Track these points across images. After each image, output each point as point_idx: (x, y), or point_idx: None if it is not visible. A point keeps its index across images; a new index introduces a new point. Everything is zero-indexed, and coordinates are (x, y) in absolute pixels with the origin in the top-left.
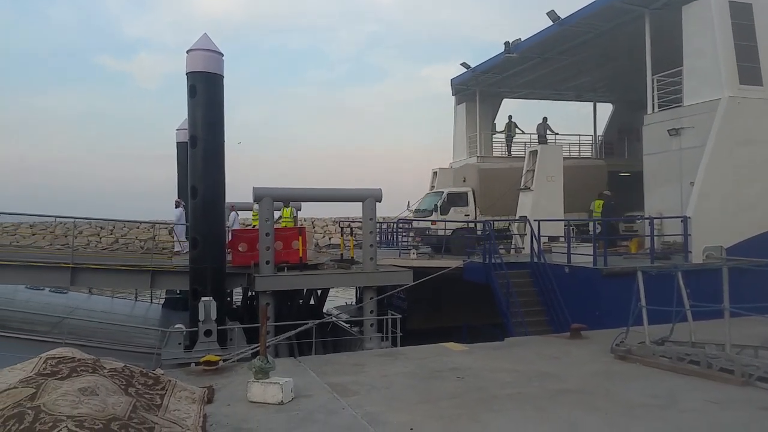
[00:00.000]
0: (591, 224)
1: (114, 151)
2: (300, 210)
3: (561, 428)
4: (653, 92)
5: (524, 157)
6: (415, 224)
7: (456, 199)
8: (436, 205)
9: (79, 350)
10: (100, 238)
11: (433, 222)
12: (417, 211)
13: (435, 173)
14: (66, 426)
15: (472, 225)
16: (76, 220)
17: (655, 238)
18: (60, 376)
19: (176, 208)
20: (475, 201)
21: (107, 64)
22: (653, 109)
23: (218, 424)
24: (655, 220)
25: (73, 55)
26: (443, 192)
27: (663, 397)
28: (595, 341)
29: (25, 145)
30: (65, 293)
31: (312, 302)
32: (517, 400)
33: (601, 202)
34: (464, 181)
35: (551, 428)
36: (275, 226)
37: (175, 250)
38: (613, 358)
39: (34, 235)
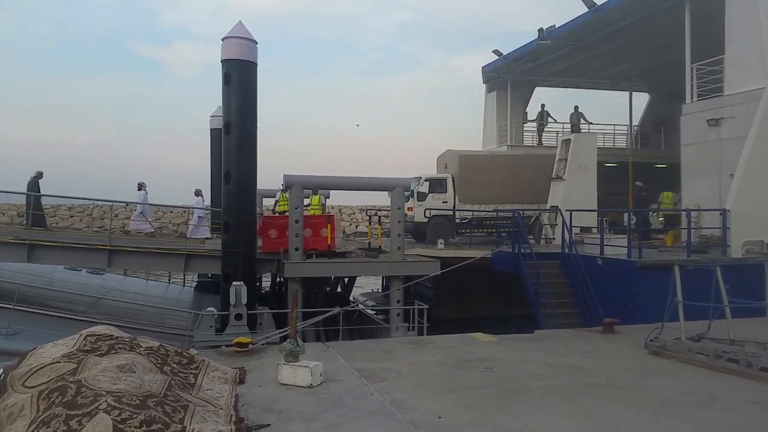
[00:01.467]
0: (626, 216)
1: (150, 136)
2: (328, 198)
3: (592, 421)
4: (692, 81)
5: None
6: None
7: (436, 186)
8: (412, 191)
9: (116, 328)
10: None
11: (409, 208)
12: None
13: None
14: (105, 400)
15: (450, 212)
16: (113, 203)
17: (692, 231)
18: (99, 352)
19: (139, 190)
20: (454, 188)
21: (146, 51)
22: (692, 99)
23: (250, 405)
24: (692, 213)
25: (113, 43)
26: (421, 178)
27: (699, 395)
28: (628, 336)
29: (64, 129)
30: (101, 274)
31: (339, 290)
32: (548, 392)
33: (671, 194)
34: (446, 167)
35: (582, 421)
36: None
37: (147, 231)
38: (647, 354)
39: (72, 217)
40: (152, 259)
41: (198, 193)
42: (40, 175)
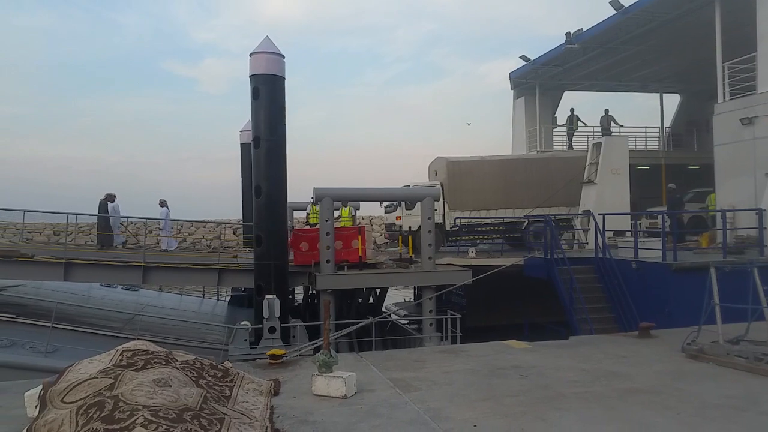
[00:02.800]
0: (660, 218)
1: (180, 153)
2: (358, 209)
3: (631, 428)
4: (724, 80)
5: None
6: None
7: None
8: (400, 201)
9: (152, 343)
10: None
11: (398, 217)
12: (389, 206)
13: None
14: (142, 415)
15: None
16: (147, 220)
17: (728, 232)
18: (135, 367)
19: (111, 202)
20: (443, 195)
21: (175, 69)
22: (724, 98)
23: (284, 416)
24: (727, 214)
25: (143, 62)
26: (409, 186)
27: (740, 398)
28: (664, 340)
29: (99, 148)
30: (137, 290)
31: (371, 300)
32: (584, 398)
33: (715, 195)
34: (436, 175)
35: (621, 427)
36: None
37: (116, 244)
38: (684, 358)
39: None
40: (186, 274)
41: (163, 203)
42: (110, 197)
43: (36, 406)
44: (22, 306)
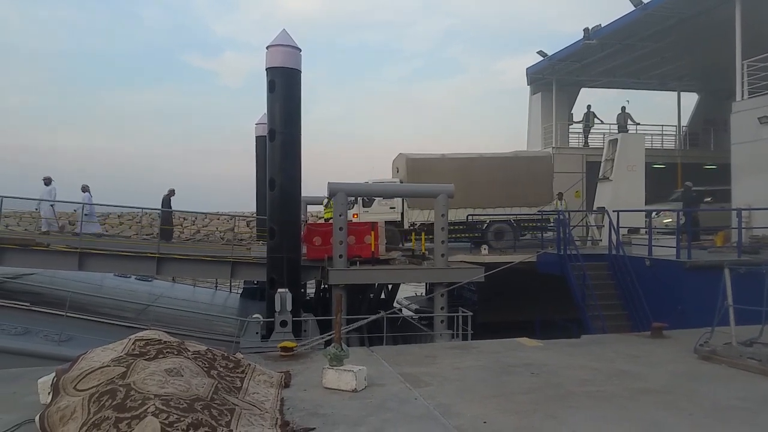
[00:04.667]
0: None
1: (197, 145)
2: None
3: (642, 427)
4: (743, 78)
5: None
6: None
7: None
8: (356, 198)
9: (164, 333)
10: (183, 228)
11: (354, 215)
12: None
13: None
14: (154, 404)
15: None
16: (162, 211)
17: (743, 231)
18: (148, 356)
19: (46, 185)
20: None
21: (195, 62)
22: (743, 96)
23: (295, 408)
24: (743, 213)
25: (162, 54)
26: (368, 182)
27: (753, 401)
28: (677, 340)
29: (116, 140)
30: (150, 281)
31: (382, 296)
32: (596, 397)
33: None
34: (398, 171)
35: (632, 427)
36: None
37: (43, 229)
38: (697, 359)
39: (121, 224)
40: (199, 266)
41: (85, 189)
42: (172, 192)
43: (49, 393)
44: (36, 294)
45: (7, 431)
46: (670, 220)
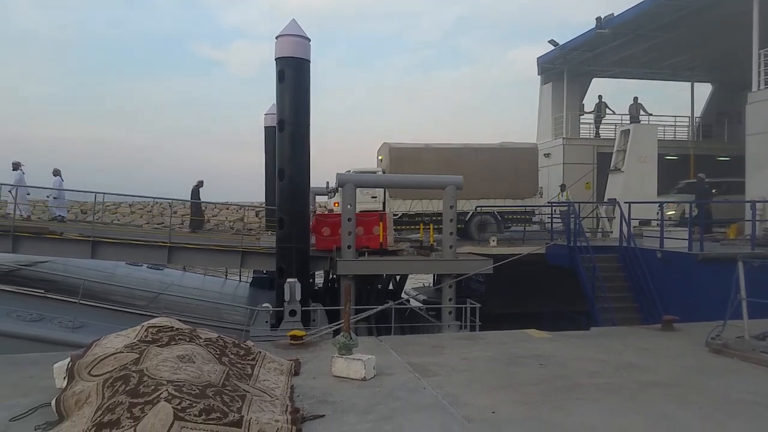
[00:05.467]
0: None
1: (206, 136)
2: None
3: (651, 420)
4: (759, 68)
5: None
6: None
7: None
8: (338, 187)
9: (177, 320)
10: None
11: (335, 203)
12: (330, 192)
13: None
14: (166, 389)
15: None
16: (173, 201)
17: (757, 223)
18: (160, 343)
19: (14, 170)
20: None
21: (205, 52)
22: (758, 87)
23: (305, 396)
24: (757, 205)
25: (172, 45)
26: (349, 172)
27: (765, 395)
28: (688, 333)
29: (127, 130)
30: (161, 270)
31: (390, 287)
32: (604, 389)
33: None
34: (381, 161)
35: (640, 419)
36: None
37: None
38: (708, 352)
39: (132, 213)
40: (210, 255)
41: (56, 173)
42: (201, 183)
43: (64, 378)
44: (50, 282)
45: (24, 414)
46: (673, 212)
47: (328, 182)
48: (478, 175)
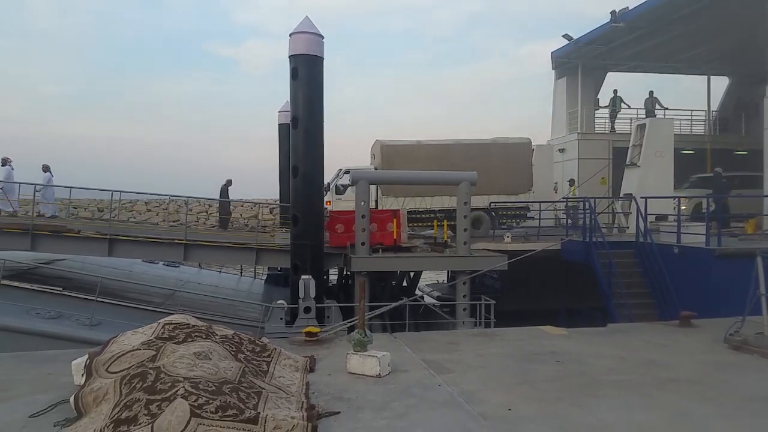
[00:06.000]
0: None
1: (221, 133)
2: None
3: (669, 417)
4: None
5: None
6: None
7: None
8: (328, 185)
9: (193, 317)
10: (209, 215)
11: (327, 202)
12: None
13: (532, 150)
14: (183, 386)
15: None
16: (188, 198)
17: None
18: (177, 340)
19: (2, 166)
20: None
21: (217, 50)
22: None
23: (320, 392)
24: None
25: (187, 43)
26: (341, 170)
27: None
28: (706, 330)
29: (141, 128)
30: (177, 267)
31: (405, 283)
32: (622, 386)
33: None
34: (374, 158)
35: (659, 416)
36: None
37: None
38: (727, 348)
39: (149, 211)
40: (225, 252)
41: (46, 168)
42: (230, 182)
43: (82, 375)
44: (68, 279)
45: (44, 410)
46: (684, 207)
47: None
48: (474, 171)
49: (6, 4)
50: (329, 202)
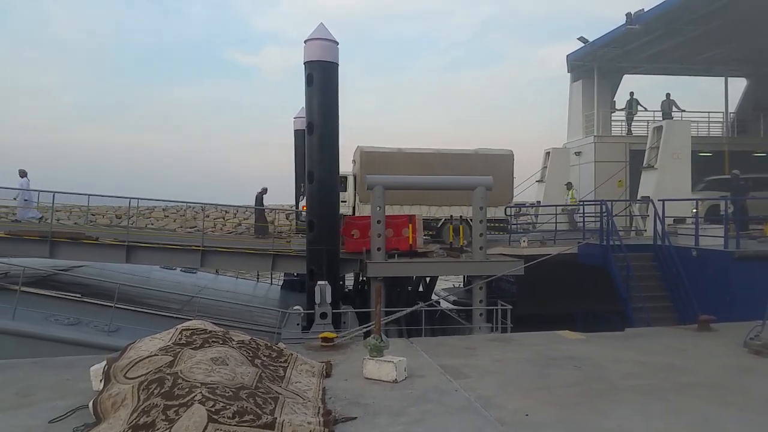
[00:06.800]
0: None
1: (238, 140)
2: None
3: (690, 423)
4: None
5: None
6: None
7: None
8: (302, 189)
9: (210, 323)
10: (225, 221)
11: (303, 207)
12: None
13: (548, 153)
14: (200, 392)
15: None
16: (205, 205)
17: None
18: (194, 345)
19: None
20: (355, 187)
21: (236, 58)
22: None
23: (336, 398)
24: None
25: (207, 51)
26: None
27: None
28: (725, 333)
29: (160, 136)
30: (194, 273)
31: (420, 289)
32: (641, 391)
33: None
34: (354, 164)
35: (678, 422)
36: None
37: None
38: (747, 352)
39: (166, 217)
40: (242, 259)
41: (23, 174)
42: (265, 190)
43: (100, 381)
44: (86, 286)
45: (63, 416)
46: (695, 210)
47: (302, 184)
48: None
49: (30, 16)
50: (305, 207)
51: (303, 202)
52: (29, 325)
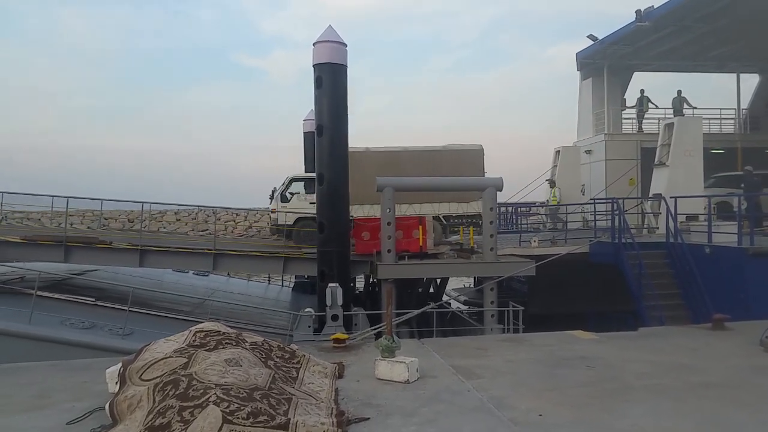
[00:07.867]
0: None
1: (247, 143)
2: None
3: (704, 422)
4: None
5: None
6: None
7: (308, 185)
8: (273, 193)
9: (223, 324)
10: (236, 224)
11: (273, 209)
12: (271, 197)
13: (557, 152)
14: (215, 393)
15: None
16: (216, 208)
17: None
18: (208, 347)
19: None
20: None
21: (245, 61)
22: None
23: (349, 399)
24: None
25: (214, 54)
26: (287, 177)
27: None
28: (740, 332)
29: (170, 139)
30: (207, 276)
31: (431, 290)
32: (654, 391)
33: None
34: None
35: (693, 422)
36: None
37: None
38: (762, 352)
39: (178, 221)
40: (253, 261)
41: None
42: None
43: (116, 383)
44: (100, 290)
45: (80, 418)
46: (713, 206)
47: (275, 188)
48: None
49: (42, 23)
50: (274, 209)
51: (273, 204)
52: (45, 328)
